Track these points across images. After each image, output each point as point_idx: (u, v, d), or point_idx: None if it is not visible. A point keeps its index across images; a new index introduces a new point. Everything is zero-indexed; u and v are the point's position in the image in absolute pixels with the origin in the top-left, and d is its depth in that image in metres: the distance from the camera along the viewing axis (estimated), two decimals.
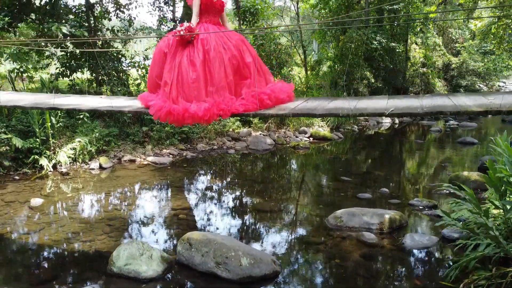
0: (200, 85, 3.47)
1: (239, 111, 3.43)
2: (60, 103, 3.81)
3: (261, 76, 3.80)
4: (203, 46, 3.57)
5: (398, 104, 3.07)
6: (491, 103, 2.77)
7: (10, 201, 6.34)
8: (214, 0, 3.97)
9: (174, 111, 3.41)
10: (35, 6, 9.43)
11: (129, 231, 5.38)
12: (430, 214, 5.74)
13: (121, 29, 10.22)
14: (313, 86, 15.13)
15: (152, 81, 3.87)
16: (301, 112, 3.19)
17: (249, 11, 13.36)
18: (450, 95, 3.44)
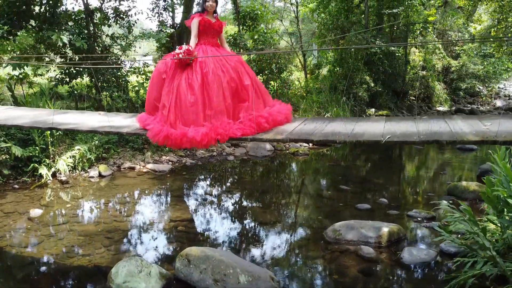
0: (198, 108, 3.48)
1: (237, 136, 3.44)
2: (59, 122, 3.82)
3: (259, 97, 3.82)
4: (202, 69, 3.58)
5: (395, 129, 3.08)
6: (487, 130, 2.78)
7: (10, 212, 6.36)
8: (212, 22, 3.98)
9: (172, 136, 3.42)
10: (34, 13, 9.43)
11: (128, 244, 5.39)
12: (428, 226, 5.75)
13: (121, 36, 10.22)
14: (313, 90, 15.13)
15: (151, 103, 3.88)
16: (298, 137, 3.20)
17: (248, 15, 13.36)
18: (446, 118, 3.45)
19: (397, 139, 2.85)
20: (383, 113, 16.18)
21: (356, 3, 17.72)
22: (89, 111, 5.05)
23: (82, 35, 9.60)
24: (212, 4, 4.01)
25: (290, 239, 5.64)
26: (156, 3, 11.21)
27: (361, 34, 15.44)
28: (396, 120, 3.59)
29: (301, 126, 3.59)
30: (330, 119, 3.90)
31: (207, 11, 4.04)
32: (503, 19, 18.36)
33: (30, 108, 5.40)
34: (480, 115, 3.59)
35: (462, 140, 2.66)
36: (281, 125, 3.71)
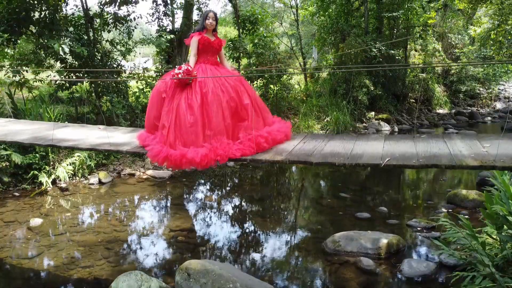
0: (197, 129, 3.49)
1: (236, 156, 3.45)
2: (59, 138, 3.83)
3: (258, 116, 3.82)
4: (201, 89, 3.59)
5: (394, 149, 3.09)
6: (486, 154, 2.79)
7: (10, 221, 6.37)
8: (211, 40, 3.99)
9: (171, 157, 3.43)
10: (34, 19, 9.42)
11: (128, 256, 5.40)
12: (428, 236, 5.75)
13: (121, 42, 10.22)
14: (313, 94, 15.14)
15: (150, 122, 3.89)
16: (297, 158, 3.21)
17: (248, 19, 13.36)
18: (445, 137, 3.46)
19: (396, 162, 2.86)
20: (383, 116, 16.20)
21: (356, 6, 17.73)
22: (89, 124, 5.03)
23: (82, 41, 9.60)
24: (212, 23, 4.02)
25: (290, 250, 5.64)
26: (156, 8, 11.21)
27: (361, 37, 15.47)
28: (395, 139, 3.60)
29: (300, 145, 3.60)
30: (330, 136, 3.91)
31: (206, 29, 4.04)
32: (503, 22, 18.36)
33: (30, 122, 5.39)
34: (479, 135, 3.58)
35: (461, 165, 2.68)
36: (281, 143, 3.73)
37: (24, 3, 8.96)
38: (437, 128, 16.67)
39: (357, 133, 3.76)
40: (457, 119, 18.25)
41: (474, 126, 16.82)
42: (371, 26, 17.51)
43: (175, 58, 11.11)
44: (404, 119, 17.11)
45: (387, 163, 2.82)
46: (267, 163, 3.36)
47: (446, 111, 20.02)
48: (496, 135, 3.43)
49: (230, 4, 13.32)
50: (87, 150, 4.48)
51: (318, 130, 13.39)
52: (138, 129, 4.53)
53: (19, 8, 8.81)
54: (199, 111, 3.51)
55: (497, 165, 2.54)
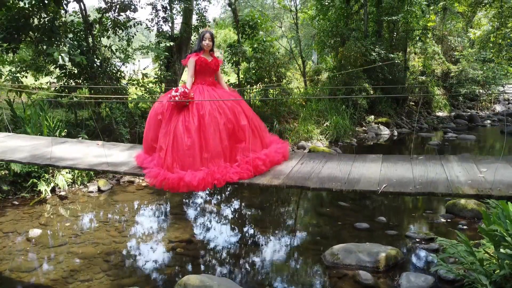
0: (195, 152, 3.50)
1: (234, 180, 3.46)
2: (57, 157, 3.83)
3: (256, 137, 3.83)
4: (198, 111, 3.60)
5: (391, 173, 3.09)
6: (482, 180, 2.80)
7: (9, 231, 6.38)
8: (208, 61, 4.00)
9: (169, 180, 3.44)
10: (33, 26, 9.43)
11: (127, 269, 5.39)
12: (427, 248, 5.76)
13: (120, 48, 10.22)
14: (313, 99, 15.14)
15: (148, 144, 3.90)
16: (294, 183, 3.22)
17: (248, 24, 13.35)
18: (443, 159, 3.47)
19: (392, 189, 2.87)
20: (383, 120, 16.21)
21: (356, 9, 17.73)
22: (87, 140, 5.04)
23: (81, 48, 9.60)
24: (209, 43, 4.03)
25: (289, 263, 5.65)
26: (156, 14, 11.21)
27: (360, 41, 15.47)
28: (393, 160, 3.61)
29: (298, 167, 3.61)
30: (328, 156, 3.91)
31: (203, 50, 4.05)
32: (502, 24, 18.39)
33: (28, 137, 5.39)
34: (477, 157, 3.58)
35: (458, 194, 2.69)
36: (279, 164, 3.74)
37: (23, 10, 8.97)
38: (437, 131, 16.67)
39: (355, 154, 3.75)
40: (457, 123, 18.26)
41: (474, 130, 16.83)
42: (371, 29, 17.52)
43: (174, 64, 11.11)
44: (403, 123, 17.12)
45: (384, 190, 2.83)
46: (264, 187, 3.34)
47: (446, 114, 20.04)
48: (493, 158, 3.44)
49: (230, 8, 13.27)
50: (85, 170, 4.47)
51: (317, 135, 13.40)
52: (136, 146, 4.54)
53: (18, 15, 8.82)
54: (196, 134, 3.52)
55: (494, 194, 2.55)
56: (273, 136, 4.21)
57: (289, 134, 12.78)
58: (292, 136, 12.75)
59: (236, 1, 13.69)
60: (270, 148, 3.89)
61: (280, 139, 4.27)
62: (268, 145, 3.97)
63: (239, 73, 13.30)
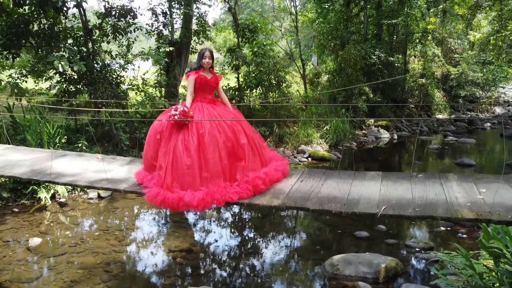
0: (194, 171, 3.51)
1: (234, 200, 3.47)
2: (57, 173, 3.84)
3: (255, 154, 3.83)
4: (198, 130, 3.61)
5: (391, 193, 3.10)
6: (482, 202, 2.80)
7: (9, 240, 6.38)
8: (208, 78, 4.01)
9: (168, 200, 3.45)
10: (33, 31, 9.43)
11: (127, 280, 5.39)
12: (426, 258, 5.76)
13: (120, 54, 10.22)
14: (313, 102, 15.15)
15: (148, 162, 3.90)
16: (294, 204, 3.22)
17: (248, 28, 13.36)
18: (442, 178, 3.48)
19: (392, 212, 2.88)
20: (383, 123, 16.21)
21: (356, 12, 17.74)
22: (86, 153, 5.04)
23: (81, 53, 9.60)
24: (209, 61, 4.04)
25: (289, 274, 5.64)
26: (156, 19, 11.20)
27: (360, 44, 15.47)
28: (393, 179, 3.61)
29: (297, 185, 3.61)
30: (327, 173, 3.92)
31: (203, 68, 4.06)
32: (502, 27, 18.37)
33: (28, 150, 5.39)
34: (476, 176, 3.59)
35: (457, 217, 2.69)
36: (278, 182, 3.75)
37: (23, 16, 8.97)
38: (436, 134, 16.69)
39: (354, 171, 3.75)
40: (457, 125, 18.28)
41: (473, 133, 16.84)
42: (371, 32, 17.53)
43: (174, 69, 11.11)
44: (403, 126, 17.12)
45: (383, 212, 2.83)
46: (264, 208, 3.35)
47: (446, 117, 20.05)
48: (493, 177, 3.44)
49: (230, 13, 13.27)
50: (85, 187, 4.47)
51: (317, 139, 13.40)
52: (135, 160, 4.54)
53: (18, 22, 8.82)
54: (196, 153, 3.53)
55: (493, 218, 2.56)
56: (273, 151, 4.21)
57: (289, 138, 12.79)
58: (292, 140, 12.76)
59: (236, 5, 13.69)
60: (270, 166, 3.89)
61: (280, 156, 4.27)
62: (267, 162, 3.98)
63: (239, 77, 13.30)
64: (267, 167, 3.86)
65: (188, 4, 10.85)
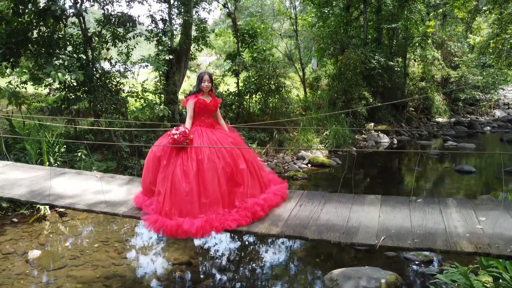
0: (193, 198, 3.51)
1: (232, 228, 3.47)
2: (56, 194, 3.83)
3: (254, 179, 3.83)
4: (197, 156, 3.60)
5: (390, 220, 3.09)
6: (481, 233, 2.79)
7: (9, 252, 6.37)
8: (207, 102, 4.00)
9: (167, 227, 3.45)
10: (33, 38, 9.41)
11: None
12: (426, 271, 5.76)
13: (119, 61, 10.21)
14: (312, 107, 15.15)
15: (146, 186, 3.90)
16: (293, 232, 3.21)
17: (248, 33, 13.35)
18: (442, 204, 3.47)
19: (391, 243, 2.87)
20: (382, 128, 16.20)
21: (355, 15, 17.72)
22: (86, 171, 5.03)
23: (81, 61, 9.59)
24: (208, 85, 4.04)
25: None
26: (155, 26, 11.18)
27: (360, 48, 15.46)
28: (392, 203, 3.60)
29: (296, 210, 3.61)
30: (326, 196, 3.91)
31: (202, 91, 4.06)
32: (502, 31, 18.35)
33: (28, 167, 5.38)
34: (475, 202, 3.57)
35: (456, 250, 2.69)
36: (277, 206, 3.75)
37: (22, 24, 8.96)
38: (436, 138, 16.68)
39: (353, 195, 3.74)
40: (456, 129, 18.26)
41: (473, 137, 16.82)
42: (370, 36, 17.51)
43: (174, 75, 11.10)
44: (403, 130, 17.12)
45: (382, 243, 2.83)
46: (262, 236, 3.35)
47: (446, 120, 20.04)
48: (493, 204, 3.43)
49: (230, 18, 13.26)
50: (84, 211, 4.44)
51: (317, 144, 13.40)
52: (134, 179, 4.52)
53: (17, 30, 8.80)
54: (194, 179, 3.52)
55: (492, 252, 2.55)
56: (272, 173, 4.21)
57: (288, 144, 12.78)
58: (292, 145, 12.75)
59: (236, 10, 13.67)
60: (269, 191, 3.89)
61: (279, 179, 4.27)
62: (266, 185, 3.98)
63: (238, 82, 13.29)
64: (266, 192, 3.86)
65: (187, 11, 10.83)
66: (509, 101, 25.20)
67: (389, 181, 11.05)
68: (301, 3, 19.04)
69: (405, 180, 11.34)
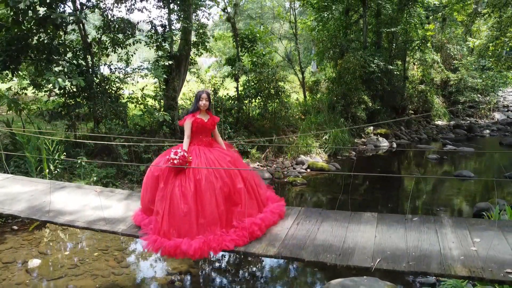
0: (191, 218, 3.55)
1: (230, 248, 3.51)
2: (56, 210, 3.86)
3: (252, 198, 3.86)
4: (195, 176, 3.64)
5: (386, 241, 3.12)
6: (475, 255, 2.82)
7: (9, 261, 6.40)
8: (205, 121, 4.04)
9: (165, 248, 3.49)
10: (33, 44, 9.44)
11: None
12: (423, 282, 5.80)
13: (119, 68, 10.25)
14: (312, 111, 15.18)
15: (145, 205, 3.94)
16: (289, 254, 3.24)
17: (247, 38, 13.38)
18: (437, 224, 3.50)
19: (386, 266, 2.91)
20: (382, 132, 16.23)
21: (355, 18, 17.74)
22: (85, 185, 5.06)
23: (80, 67, 9.63)
24: (205, 104, 4.08)
25: None
26: (155, 32, 11.21)
27: (359, 52, 15.48)
28: (388, 222, 3.63)
29: (294, 229, 3.64)
30: (324, 214, 3.94)
31: (200, 110, 4.10)
32: (502, 34, 18.38)
33: (27, 180, 5.41)
34: (471, 221, 3.60)
35: (450, 274, 2.72)
36: (275, 225, 3.79)
37: (22, 31, 8.98)
38: (436, 142, 16.71)
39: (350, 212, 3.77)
40: (456, 133, 18.30)
41: (473, 140, 16.86)
42: (370, 40, 17.53)
43: (173, 81, 11.13)
44: (402, 133, 17.15)
45: (377, 266, 2.86)
46: (259, 257, 3.38)
47: (445, 123, 20.07)
48: (488, 223, 3.46)
49: (230, 23, 13.28)
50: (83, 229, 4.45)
51: (316, 148, 13.43)
52: (133, 194, 4.55)
53: (18, 37, 8.83)
54: (192, 200, 3.56)
55: (485, 276, 2.59)
56: (270, 190, 4.25)
57: (288, 148, 12.81)
58: (291, 150, 12.78)
59: (235, 14, 13.69)
60: (266, 209, 3.92)
61: (277, 196, 4.30)
62: (264, 203, 4.01)
63: (238, 86, 13.32)
64: (264, 211, 3.89)
65: (187, 17, 10.86)
66: (508, 103, 25.22)
67: (388, 185, 11.08)
68: (301, 6, 19.06)
69: (404, 184, 11.37)
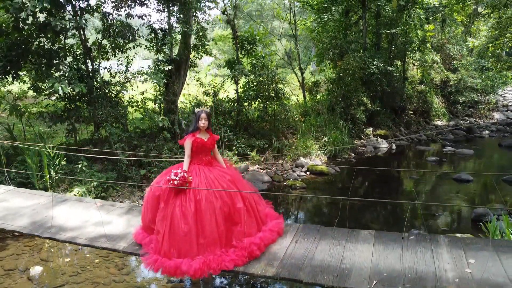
0: (192, 238, 3.61)
1: (229, 268, 3.57)
2: (57, 226, 3.91)
3: (251, 216, 3.92)
4: (195, 196, 3.70)
5: (382, 261, 3.18)
6: (470, 279, 2.88)
7: (10, 269, 6.45)
8: (205, 141, 4.09)
9: (166, 268, 3.56)
10: (33, 49, 9.47)
11: None
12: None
13: (119, 72, 10.28)
14: (311, 112, 15.22)
15: (146, 224, 4.00)
16: (288, 275, 3.30)
17: (247, 40, 13.40)
18: (433, 243, 3.55)
19: (382, 286, 2.96)
20: (381, 133, 16.28)
21: (355, 19, 17.75)
22: (86, 199, 5.11)
23: (81, 72, 9.66)
24: (205, 123, 4.14)
25: None
26: (155, 36, 11.23)
27: (359, 53, 15.50)
28: (385, 241, 3.68)
29: (292, 247, 3.69)
30: (322, 231, 4.00)
31: (199, 130, 4.15)
32: (501, 34, 18.39)
33: (29, 192, 5.46)
34: (466, 241, 3.65)
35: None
36: (273, 243, 3.85)
37: (22, 37, 9.01)
38: (435, 143, 16.75)
39: (348, 229, 3.83)
40: (455, 134, 18.33)
41: (472, 141, 16.91)
42: (369, 41, 17.55)
43: (173, 84, 11.16)
44: (402, 134, 17.19)
45: (374, 287, 2.92)
46: (258, 277, 3.43)
47: (444, 123, 20.11)
48: (484, 241, 3.51)
49: (229, 25, 13.30)
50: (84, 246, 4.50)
51: (316, 150, 13.47)
52: (134, 208, 4.60)
53: (17, 42, 8.86)
54: (193, 220, 3.62)
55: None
56: (269, 207, 4.30)
57: (287, 151, 12.86)
58: (291, 152, 12.83)
59: (235, 16, 13.71)
60: (265, 228, 3.98)
61: (276, 213, 4.36)
62: (263, 221, 4.07)
63: (237, 89, 13.36)
64: (263, 230, 3.95)
65: (186, 21, 10.88)
66: (508, 102, 25.25)
67: (388, 188, 11.14)
68: (300, 7, 19.07)
69: (403, 186, 11.43)
